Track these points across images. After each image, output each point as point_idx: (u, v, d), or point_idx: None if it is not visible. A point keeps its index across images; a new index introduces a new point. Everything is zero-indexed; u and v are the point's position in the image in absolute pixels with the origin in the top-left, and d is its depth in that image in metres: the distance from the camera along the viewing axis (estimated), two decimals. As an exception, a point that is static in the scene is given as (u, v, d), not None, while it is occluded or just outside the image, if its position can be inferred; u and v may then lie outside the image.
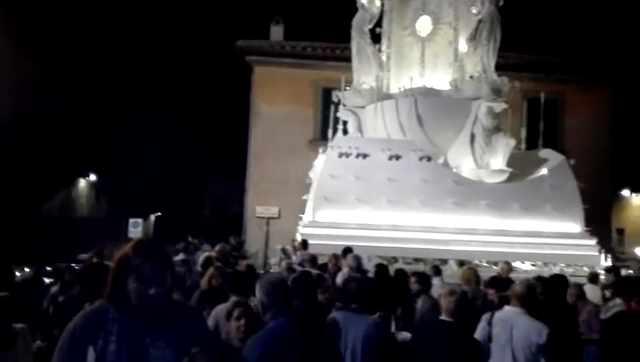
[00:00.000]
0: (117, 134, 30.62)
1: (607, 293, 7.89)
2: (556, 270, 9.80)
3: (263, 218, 17.53)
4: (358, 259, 7.29)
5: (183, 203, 32.47)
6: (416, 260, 9.67)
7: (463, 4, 11.61)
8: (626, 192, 23.74)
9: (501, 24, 11.20)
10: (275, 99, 17.69)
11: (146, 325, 2.13)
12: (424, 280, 6.16)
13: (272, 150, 17.40)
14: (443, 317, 3.99)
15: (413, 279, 6.27)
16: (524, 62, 17.91)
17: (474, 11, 11.39)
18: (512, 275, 8.35)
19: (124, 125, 30.61)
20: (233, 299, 4.35)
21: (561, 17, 25.49)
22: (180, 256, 8.60)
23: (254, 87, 18.40)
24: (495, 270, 9.22)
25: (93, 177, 30.24)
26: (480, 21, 11.06)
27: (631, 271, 9.38)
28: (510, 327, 4.07)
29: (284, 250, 10.23)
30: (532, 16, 23.34)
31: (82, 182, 30.04)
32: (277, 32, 19.08)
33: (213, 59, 30.36)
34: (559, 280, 5.74)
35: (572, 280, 6.92)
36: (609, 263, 10.44)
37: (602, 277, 8.38)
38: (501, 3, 11.18)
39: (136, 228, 15.17)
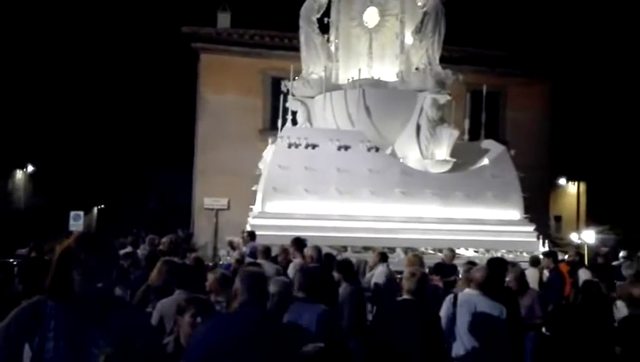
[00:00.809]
0: (57, 123, 29.20)
1: (545, 276, 8.35)
2: (498, 256, 10.28)
3: (212, 209, 17.27)
4: (318, 249, 7.32)
5: (127, 194, 31.48)
6: (366, 249, 9.82)
7: (410, -4, 11.78)
8: (562, 181, 24.92)
9: (446, 18, 11.46)
10: (223, 88, 17.37)
11: (87, 321, 2.07)
12: (344, 268, 6.10)
13: (220, 140, 17.09)
14: (405, 296, 4.32)
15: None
16: (468, 55, 18.43)
17: (419, 4, 11.58)
18: (456, 261, 8.64)
19: (64, 113, 29.23)
20: (178, 292, 4.27)
21: (502, 12, 26.35)
22: (127, 249, 8.36)
23: (201, 75, 17.99)
24: (440, 257, 9.52)
25: (31, 168, 28.76)
26: (425, 14, 11.26)
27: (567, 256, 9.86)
28: (474, 307, 4.44)
29: (231, 243, 10.12)
30: (476, 11, 24.01)
31: (19, 174, 28.51)
32: (224, 19, 18.70)
33: (159, 45, 29.48)
34: (498, 263, 5.93)
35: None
36: (547, 248, 11.01)
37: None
38: (446, -3, 11.42)
39: (77, 221, 14.55)
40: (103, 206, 34.74)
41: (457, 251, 10.54)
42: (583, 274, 7.72)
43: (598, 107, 25.55)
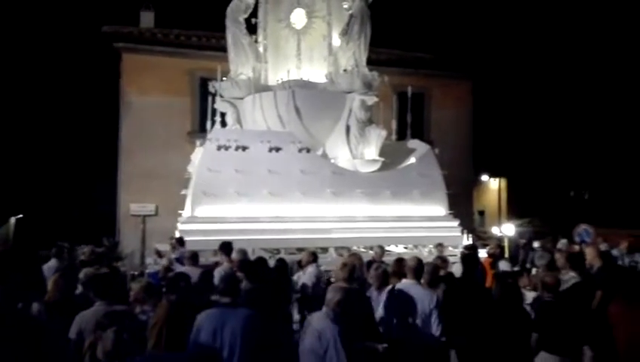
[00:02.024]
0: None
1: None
2: (425, 251, 10.65)
3: (139, 216, 16.63)
4: (243, 252, 7.23)
5: (48, 202, 29.59)
6: (299, 250, 9.82)
7: (336, -1, 11.91)
8: (485, 177, 26.21)
9: (372, 20, 11.70)
10: (148, 89, 16.77)
11: None
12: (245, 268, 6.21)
13: (146, 143, 16.49)
14: (341, 283, 4.68)
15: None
16: (394, 57, 18.97)
17: (345, 6, 11.74)
18: (386, 258, 8.84)
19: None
20: (98, 304, 4.05)
21: (426, 16, 27.37)
22: (52, 263, 7.82)
23: (124, 75, 17.25)
24: (371, 254, 9.72)
25: None
26: (351, 16, 11.42)
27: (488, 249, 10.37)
28: (409, 296, 4.95)
29: (157, 251, 9.78)
30: (401, 14, 24.77)
31: None
32: (147, 18, 18.08)
33: (78, 45, 27.96)
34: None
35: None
36: (470, 242, 11.53)
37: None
38: (370, 0, 11.64)
39: (-10, 233, 13.49)
40: (21, 215, 32.47)
41: (387, 248, 10.84)
42: (503, 266, 8.15)
43: (517, 106, 27.16)
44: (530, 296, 5.61)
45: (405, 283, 5.13)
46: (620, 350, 3.96)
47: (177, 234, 10.18)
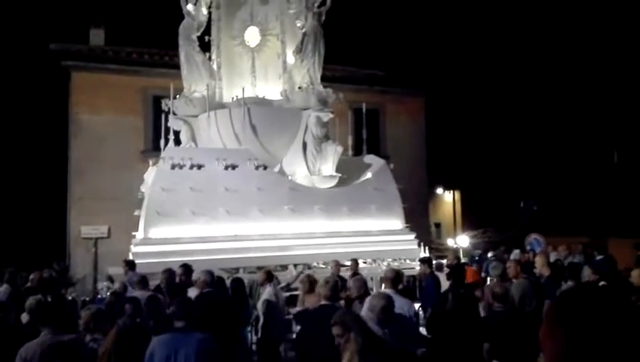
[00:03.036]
0: None
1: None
2: (384, 265, 10.73)
3: (91, 238, 16.03)
4: (210, 273, 7.07)
5: (-8, 227, 28.12)
6: (259, 268, 9.70)
7: (289, 17, 11.99)
8: (440, 190, 26.75)
9: (325, 38, 11.84)
10: (99, 108, 16.32)
11: None
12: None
13: (97, 163, 15.99)
14: (323, 302, 4.91)
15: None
16: (349, 74, 19.25)
17: (299, 25, 11.85)
18: (343, 273, 8.85)
19: None
20: (44, 333, 3.84)
21: (379, 34, 27.99)
22: (4, 288, 7.42)
23: (73, 94, 16.72)
24: (329, 270, 9.71)
25: None
26: (305, 34, 11.54)
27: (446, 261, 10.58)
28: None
29: (109, 276, 9.44)
30: (354, 32, 25.23)
31: None
32: (97, 35, 17.68)
33: (24, 63, 26.94)
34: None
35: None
36: (427, 254, 11.71)
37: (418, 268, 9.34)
38: (323, 18, 11.80)
39: None
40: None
41: (346, 263, 10.87)
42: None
43: (467, 119, 28.00)
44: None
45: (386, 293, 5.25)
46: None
47: (131, 257, 9.88)
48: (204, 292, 6.37)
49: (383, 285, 5.83)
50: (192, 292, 6.53)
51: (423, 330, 5.77)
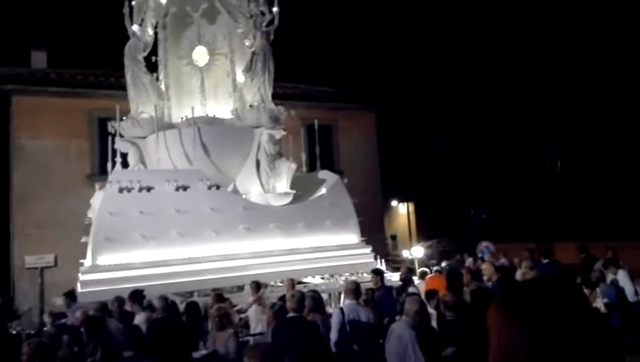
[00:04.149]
0: None
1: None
2: (342, 280, 10.73)
3: (36, 268, 15.29)
4: (164, 298, 6.86)
5: None
6: (215, 291, 9.51)
7: (237, 36, 11.97)
8: (394, 203, 27.21)
9: (276, 56, 11.88)
10: (42, 133, 15.71)
11: None
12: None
13: (41, 190, 15.34)
14: (291, 314, 5.43)
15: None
16: (300, 92, 19.40)
17: (247, 44, 11.85)
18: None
19: None
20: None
21: (330, 51, 28.44)
22: None
23: (14, 119, 16.04)
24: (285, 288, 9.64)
25: None
26: (254, 53, 11.53)
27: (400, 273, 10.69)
28: (357, 314, 5.80)
29: (51, 313, 8.99)
30: (306, 50, 25.52)
31: None
32: (39, 58, 17.12)
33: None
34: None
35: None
36: (383, 267, 11.81)
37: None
38: (272, 37, 11.85)
39: None
40: None
41: (304, 279, 10.82)
42: (412, 290, 8.41)
43: (418, 132, 28.71)
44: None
45: (349, 304, 5.98)
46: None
47: (78, 286, 9.47)
48: (157, 318, 6.17)
49: (345, 297, 6.29)
50: (140, 319, 6.33)
51: None
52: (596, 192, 19.60)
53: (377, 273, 8.76)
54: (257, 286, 8.69)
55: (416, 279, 10.52)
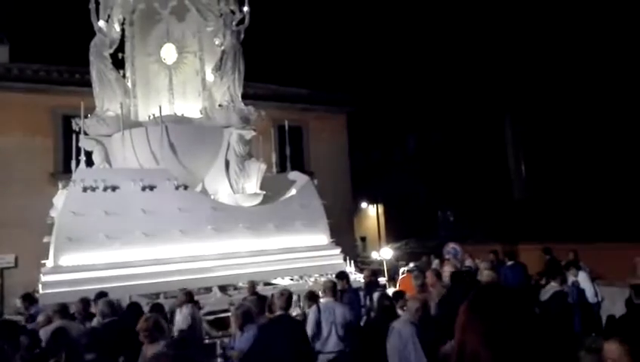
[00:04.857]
0: None
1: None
2: (311, 281, 10.73)
3: (-5, 269, 14.80)
4: (109, 303, 6.66)
5: None
6: (182, 291, 9.36)
7: (207, 35, 11.83)
8: (364, 204, 27.37)
9: (247, 56, 11.79)
10: (4, 129, 15.22)
11: None
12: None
13: (3, 188, 14.84)
14: (279, 312, 5.62)
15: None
16: (271, 92, 19.33)
17: (217, 42, 11.73)
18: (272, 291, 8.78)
19: None
20: None
21: (303, 53, 28.45)
22: None
23: (-26, 115, 15.51)
24: (258, 290, 9.58)
25: None
26: (224, 52, 11.42)
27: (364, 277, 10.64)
28: (332, 311, 5.99)
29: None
30: (277, 51, 25.47)
31: None
32: (1, 52, 16.55)
33: None
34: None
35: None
36: (352, 268, 11.86)
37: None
38: (242, 36, 11.76)
39: None
40: None
41: (274, 281, 10.76)
42: (376, 295, 8.35)
43: (387, 135, 29.00)
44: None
45: (327, 301, 6.25)
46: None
47: (40, 287, 9.19)
48: (107, 321, 6.01)
49: (323, 295, 6.58)
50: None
51: None
52: (560, 195, 20.17)
53: (342, 277, 8.72)
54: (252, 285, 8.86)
55: (383, 280, 10.56)
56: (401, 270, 11.73)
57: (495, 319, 1.39)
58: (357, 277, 10.76)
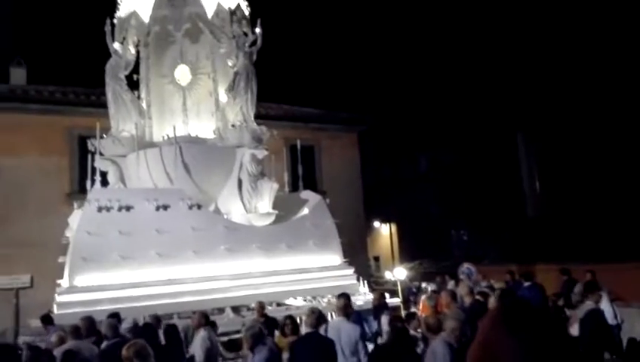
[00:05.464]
0: None
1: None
2: (324, 302, 10.62)
3: (11, 289, 14.86)
4: (111, 325, 6.63)
5: None
6: (195, 313, 9.33)
7: (220, 56, 12.00)
8: (377, 223, 27.20)
9: (259, 77, 11.90)
10: (21, 150, 15.42)
11: None
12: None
13: (18, 208, 14.99)
14: (308, 330, 5.81)
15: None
16: (283, 112, 19.46)
17: (230, 64, 11.88)
18: (284, 313, 8.72)
19: None
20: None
21: (314, 73, 28.72)
22: None
23: (-9, 136, 15.78)
24: (270, 310, 9.52)
25: None
26: (236, 73, 11.55)
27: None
28: (338, 330, 6.05)
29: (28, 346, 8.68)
30: (289, 71, 25.73)
31: None
32: (19, 75, 16.92)
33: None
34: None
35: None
36: (366, 289, 11.73)
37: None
38: (255, 57, 11.90)
39: None
40: None
41: (286, 301, 10.68)
42: (384, 320, 8.08)
43: (400, 154, 28.95)
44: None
45: (335, 321, 6.43)
46: None
47: (55, 307, 9.22)
48: (111, 343, 5.99)
49: (334, 314, 6.82)
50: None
51: None
52: (575, 212, 19.88)
53: (343, 297, 8.49)
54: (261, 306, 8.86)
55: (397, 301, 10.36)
56: (429, 288, 11.47)
57: (536, 340, 1.42)
58: (370, 298, 10.63)
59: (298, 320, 8.03)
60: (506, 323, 1.49)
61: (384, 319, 8.10)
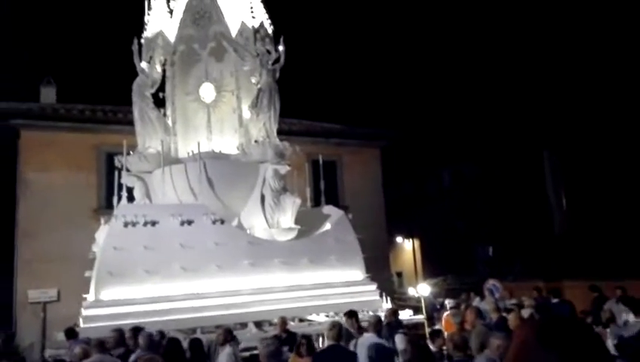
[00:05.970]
0: None
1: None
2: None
3: (39, 303, 15.15)
4: (147, 336, 6.75)
5: None
6: (218, 327, 9.38)
7: (244, 74, 12.22)
8: (399, 239, 26.96)
9: (282, 93, 12.06)
10: (50, 166, 15.87)
11: None
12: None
13: (47, 223, 15.36)
14: (330, 342, 5.98)
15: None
16: (306, 128, 19.60)
17: (253, 81, 12.08)
18: (307, 329, 8.68)
19: None
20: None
21: (336, 89, 28.91)
22: None
23: (22, 153, 16.23)
24: (292, 326, 9.50)
25: None
26: (260, 90, 11.74)
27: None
28: (367, 347, 6.29)
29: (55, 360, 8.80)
30: (311, 87, 25.98)
31: None
32: (48, 93, 17.46)
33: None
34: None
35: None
36: (389, 305, 11.60)
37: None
38: (278, 75, 12.08)
39: None
40: None
41: (309, 317, 10.65)
42: (399, 339, 7.53)
43: (422, 168, 28.79)
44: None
45: (368, 337, 6.65)
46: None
47: (81, 321, 9.37)
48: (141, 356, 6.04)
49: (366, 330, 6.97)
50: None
51: None
52: (603, 228, 19.43)
53: (351, 315, 7.98)
54: (284, 321, 8.89)
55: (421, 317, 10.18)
56: (447, 305, 11.28)
57: (577, 355, 1.37)
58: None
59: (319, 337, 7.97)
60: (544, 337, 1.47)
61: (398, 338, 7.59)
